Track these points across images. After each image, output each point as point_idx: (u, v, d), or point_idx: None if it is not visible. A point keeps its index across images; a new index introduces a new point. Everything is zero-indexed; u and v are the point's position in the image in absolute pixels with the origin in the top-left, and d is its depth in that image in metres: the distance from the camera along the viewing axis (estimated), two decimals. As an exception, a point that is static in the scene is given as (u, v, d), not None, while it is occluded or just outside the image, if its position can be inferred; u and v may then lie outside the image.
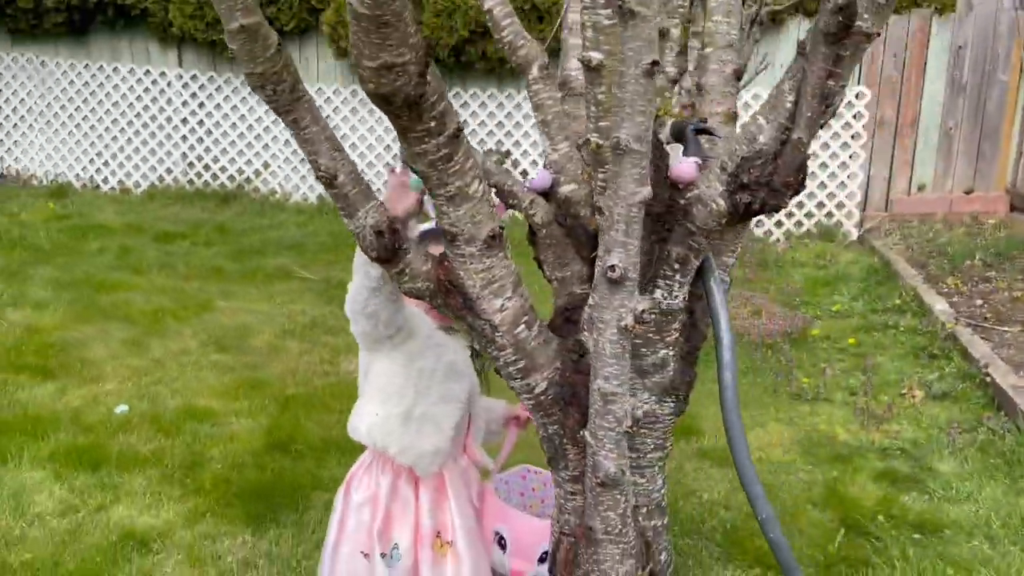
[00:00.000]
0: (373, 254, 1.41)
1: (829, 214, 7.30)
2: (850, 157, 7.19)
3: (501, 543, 2.05)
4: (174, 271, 5.87)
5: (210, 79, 8.08)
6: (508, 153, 7.23)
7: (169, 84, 8.17)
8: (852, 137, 7.17)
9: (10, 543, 2.83)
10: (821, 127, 1.39)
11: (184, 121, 8.18)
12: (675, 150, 1.55)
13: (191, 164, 8.25)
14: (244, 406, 3.88)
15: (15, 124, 8.56)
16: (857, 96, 7.10)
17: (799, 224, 7.33)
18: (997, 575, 2.78)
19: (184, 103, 8.16)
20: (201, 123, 8.16)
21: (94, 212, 7.46)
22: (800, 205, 7.30)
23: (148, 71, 8.18)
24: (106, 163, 8.40)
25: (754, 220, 7.16)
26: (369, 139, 7.81)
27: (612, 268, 1.33)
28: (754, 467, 1.50)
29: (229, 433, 3.62)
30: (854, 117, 7.13)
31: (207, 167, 8.20)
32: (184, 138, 8.21)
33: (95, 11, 8.04)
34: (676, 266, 1.51)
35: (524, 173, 7.48)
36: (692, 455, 3.64)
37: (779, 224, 7.34)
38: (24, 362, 4.21)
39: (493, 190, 1.66)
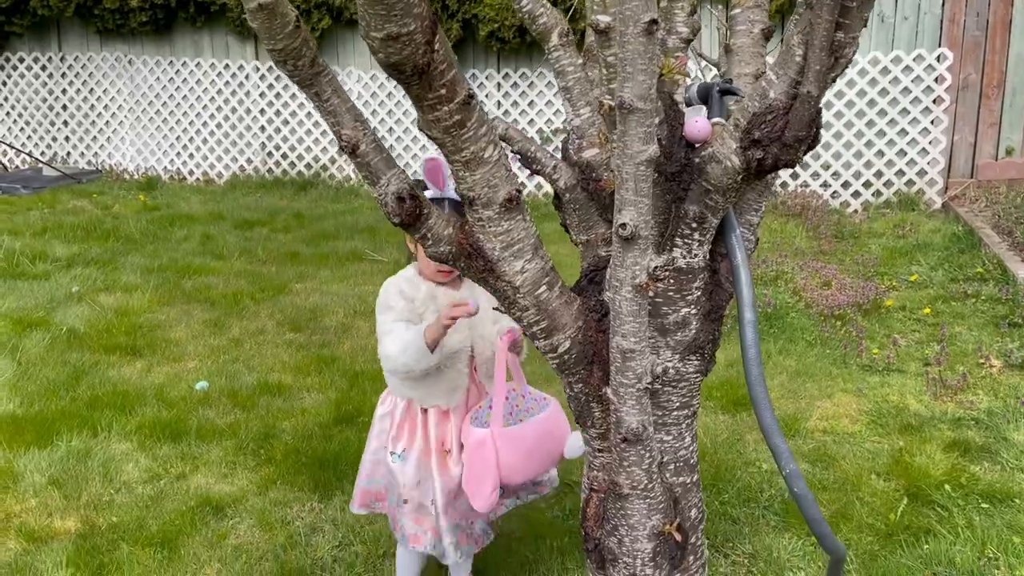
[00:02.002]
0: (396, 220, 1.47)
1: (910, 182, 7.07)
2: (932, 122, 6.94)
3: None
4: (253, 256, 6.10)
5: (286, 70, 8.33)
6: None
7: (247, 77, 8.45)
8: (934, 102, 6.92)
9: (99, 508, 3.03)
10: (834, 81, 1.39)
11: (262, 112, 8.46)
12: (691, 110, 1.57)
13: (270, 154, 8.53)
14: (315, 381, 4.03)
15: (107, 121, 8.99)
16: (938, 58, 6.84)
17: (878, 194, 7.13)
18: (1068, 544, 2.70)
19: (262, 94, 8.44)
20: (278, 113, 8.43)
21: (180, 202, 7.80)
22: (879, 174, 7.09)
23: (227, 65, 8.48)
24: (191, 155, 8.76)
25: (829, 191, 7.03)
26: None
27: (623, 226, 1.36)
28: (777, 422, 1.51)
29: (300, 407, 3.78)
30: (936, 80, 6.87)
31: (285, 156, 8.47)
32: (263, 128, 8.49)
33: (177, 8, 8.38)
34: (694, 225, 1.53)
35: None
36: (754, 426, 3.62)
37: (856, 195, 7.15)
38: (115, 343, 4.47)
39: (518, 156, 1.71)
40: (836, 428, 3.59)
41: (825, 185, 7.24)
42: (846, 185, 7.20)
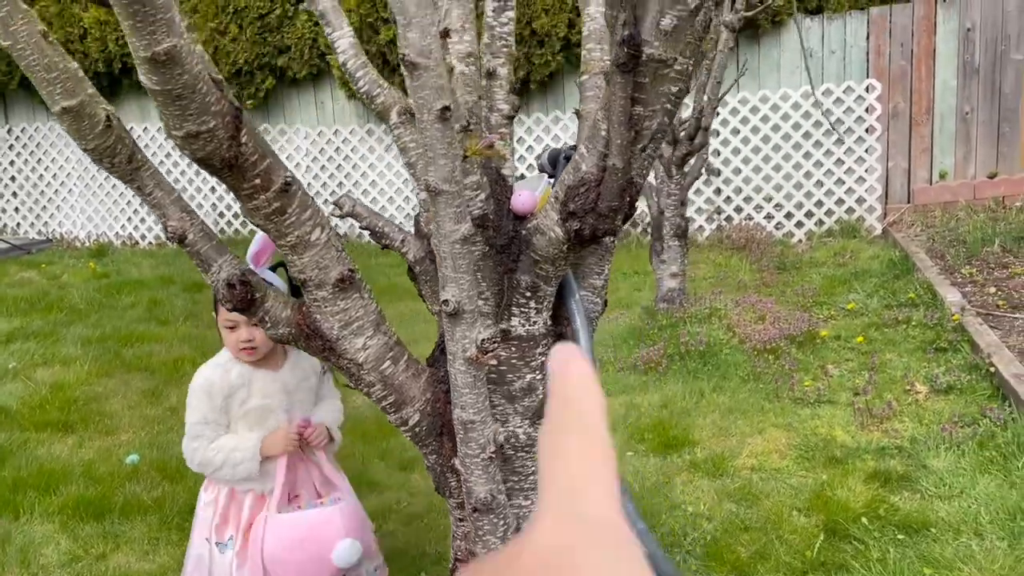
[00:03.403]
0: (229, 306, 1.49)
1: (850, 210, 7.19)
2: (866, 151, 7.08)
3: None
4: (198, 320, 6.08)
5: (232, 131, 8.38)
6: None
7: (194, 139, 8.48)
8: (866, 131, 7.07)
9: (14, 594, 2.99)
10: (643, 151, 1.43)
11: (210, 173, 8.49)
12: (528, 180, 1.60)
13: (221, 214, 8.54)
14: (247, 448, 4.00)
15: (56, 190, 8.99)
16: (867, 89, 7.00)
17: (820, 223, 7.24)
18: (979, 572, 2.72)
19: (209, 156, 8.47)
20: (226, 174, 8.45)
21: (131, 268, 7.77)
22: (819, 204, 7.21)
23: (174, 128, 8.51)
24: (143, 219, 8.76)
25: (773, 223, 7.12)
26: (388, 175, 7.99)
27: (446, 303, 1.38)
28: (626, 485, 1.52)
29: (229, 475, 3.75)
30: (866, 111, 7.03)
31: (236, 215, 8.48)
32: (213, 189, 8.51)
33: (121, 76, 8.43)
34: (528, 294, 1.56)
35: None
36: (684, 467, 3.63)
37: (800, 225, 7.26)
38: (47, 419, 4.42)
39: (368, 232, 1.73)
40: (765, 464, 3.61)
41: (768, 217, 7.34)
42: (789, 216, 7.31)
